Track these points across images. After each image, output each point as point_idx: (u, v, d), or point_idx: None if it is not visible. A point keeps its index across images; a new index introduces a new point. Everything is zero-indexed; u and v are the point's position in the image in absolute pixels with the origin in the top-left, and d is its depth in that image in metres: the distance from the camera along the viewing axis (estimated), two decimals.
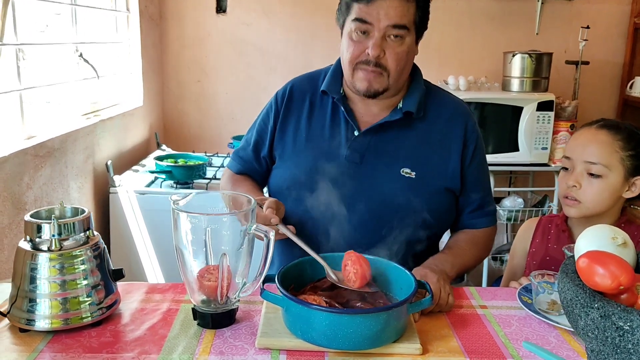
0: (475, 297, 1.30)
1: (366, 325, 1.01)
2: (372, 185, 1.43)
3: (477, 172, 1.51)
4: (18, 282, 1.09)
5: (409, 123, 1.46)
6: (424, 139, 1.47)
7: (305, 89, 1.55)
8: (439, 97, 1.53)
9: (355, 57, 1.38)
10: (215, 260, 1.10)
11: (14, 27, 1.90)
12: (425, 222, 1.45)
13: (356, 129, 1.46)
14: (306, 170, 1.45)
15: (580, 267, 0.85)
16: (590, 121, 1.44)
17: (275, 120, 1.55)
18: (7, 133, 1.93)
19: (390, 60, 1.37)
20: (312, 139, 1.49)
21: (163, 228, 2.49)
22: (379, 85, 1.39)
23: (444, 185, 1.46)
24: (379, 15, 1.33)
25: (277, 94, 1.58)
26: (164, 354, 1.03)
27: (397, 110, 1.46)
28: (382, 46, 1.35)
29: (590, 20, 3.28)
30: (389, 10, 1.33)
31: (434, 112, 1.49)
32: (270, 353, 1.04)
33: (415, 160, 1.44)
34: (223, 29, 3.38)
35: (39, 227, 1.09)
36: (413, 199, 1.42)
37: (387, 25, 1.33)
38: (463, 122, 1.49)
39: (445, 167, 1.46)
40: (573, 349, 1.09)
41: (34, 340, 1.07)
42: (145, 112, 3.14)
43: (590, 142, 1.38)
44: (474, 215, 1.52)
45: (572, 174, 1.40)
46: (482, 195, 1.53)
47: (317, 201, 1.39)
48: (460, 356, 1.05)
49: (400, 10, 1.33)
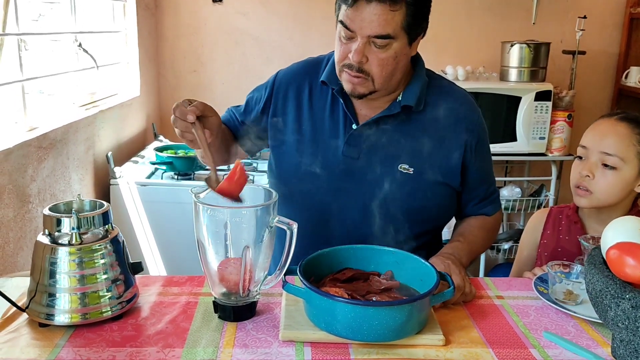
0: (491, 287, 1.31)
1: (391, 317, 1.01)
2: (369, 182, 1.40)
3: (480, 167, 1.48)
4: (37, 277, 1.08)
5: (409, 116, 1.40)
6: (424, 134, 1.41)
7: (307, 76, 1.49)
8: (442, 88, 1.46)
9: (341, 59, 1.33)
10: (236, 253, 1.09)
11: (16, 17, 1.86)
12: (424, 216, 1.44)
13: (354, 122, 1.41)
14: (305, 163, 1.43)
15: (610, 259, 0.86)
16: (610, 112, 1.44)
17: (268, 101, 1.50)
18: (10, 124, 1.91)
19: (374, 66, 1.30)
20: (311, 131, 1.45)
21: (164, 220, 2.48)
22: (364, 89, 1.34)
23: (443, 181, 1.42)
24: (362, 23, 1.25)
25: (277, 76, 1.53)
26: (188, 348, 1.03)
27: (396, 104, 1.40)
28: (364, 52, 1.28)
29: (586, 10, 3.29)
30: (372, 18, 1.24)
31: (435, 105, 1.42)
32: (295, 345, 1.04)
33: (413, 155, 1.40)
34: (219, 18, 3.35)
35: (59, 220, 1.08)
36: (411, 195, 1.40)
37: (369, 35, 1.26)
38: (466, 116, 1.43)
39: (446, 162, 1.41)
40: (592, 338, 1.10)
41: (55, 335, 1.06)
42: (142, 102, 3.11)
43: (609, 133, 1.38)
44: (480, 205, 1.51)
45: (587, 164, 1.41)
46: (487, 187, 1.52)
47: (317, 196, 1.38)
48: (483, 347, 1.06)
49: (384, 18, 1.24)
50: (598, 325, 1.15)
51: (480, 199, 1.51)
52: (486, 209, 1.52)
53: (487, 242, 1.50)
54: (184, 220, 2.39)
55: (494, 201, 1.53)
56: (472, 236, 1.44)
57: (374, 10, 1.24)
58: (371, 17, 1.24)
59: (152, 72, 3.28)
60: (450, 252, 1.34)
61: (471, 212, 1.52)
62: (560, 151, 3.12)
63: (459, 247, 1.38)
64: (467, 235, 1.44)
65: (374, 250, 1.24)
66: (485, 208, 1.52)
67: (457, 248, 1.37)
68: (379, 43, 1.27)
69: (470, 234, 1.45)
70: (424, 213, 1.43)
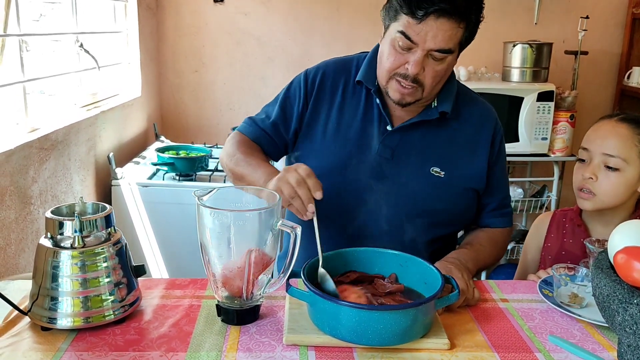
0: (495, 290, 1.30)
1: (396, 321, 1.01)
2: (401, 182, 1.42)
3: (499, 174, 1.51)
4: (39, 280, 1.07)
5: (442, 122, 1.44)
6: (454, 139, 1.45)
7: (338, 75, 1.49)
8: (470, 97, 1.51)
9: (394, 68, 1.33)
10: (239, 257, 1.08)
11: (17, 18, 1.86)
12: (448, 220, 1.46)
13: (389, 124, 1.43)
14: (336, 162, 1.42)
15: (617, 263, 0.85)
16: (611, 113, 1.44)
17: (306, 102, 1.49)
18: (12, 126, 1.90)
19: (429, 77, 1.31)
20: (344, 130, 1.45)
21: (166, 221, 2.48)
22: (412, 98, 1.36)
23: (471, 186, 1.46)
24: (427, 36, 1.25)
25: (308, 75, 1.51)
26: (192, 352, 1.02)
27: (433, 110, 1.42)
28: (423, 64, 1.30)
29: (588, 11, 3.28)
30: (437, 33, 1.25)
31: (465, 113, 1.47)
32: (299, 349, 1.04)
33: (445, 159, 1.43)
34: (221, 18, 3.34)
35: (61, 223, 1.07)
36: (440, 197, 1.42)
37: (432, 49, 1.27)
38: (492, 125, 1.49)
39: (473, 167, 1.45)
40: (598, 342, 1.10)
41: (57, 339, 1.05)
42: (143, 103, 3.11)
43: (610, 134, 1.38)
44: (493, 214, 1.52)
45: (589, 166, 1.40)
46: (502, 196, 1.53)
47: (345, 194, 1.38)
48: (488, 351, 1.05)
49: (449, 34, 1.26)
50: (604, 328, 1.14)
51: (495, 206, 1.52)
52: (497, 220, 1.53)
53: (494, 255, 1.49)
54: (186, 221, 2.39)
55: (506, 215, 1.54)
56: (479, 245, 1.44)
57: (442, 26, 1.25)
58: (437, 31, 1.25)
59: (153, 72, 3.27)
60: (455, 256, 1.33)
61: (484, 219, 1.53)
62: (563, 152, 3.11)
63: (465, 253, 1.38)
64: (474, 244, 1.45)
65: (377, 253, 1.23)
66: (497, 219, 1.53)
67: (463, 254, 1.36)
68: (437, 56, 1.29)
69: (478, 244, 1.45)
70: (448, 216, 1.45)
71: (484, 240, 1.47)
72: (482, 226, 1.53)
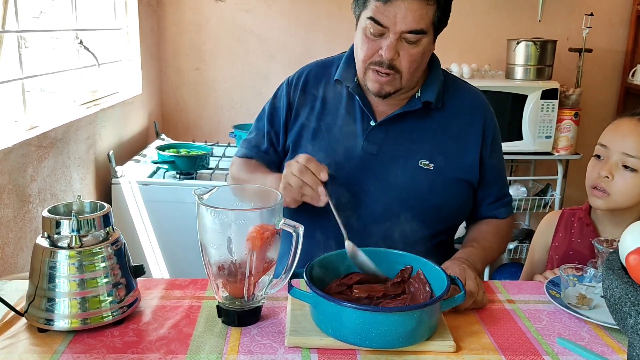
0: (501, 291, 1.28)
1: (400, 323, 0.98)
2: (390, 177, 1.40)
3: (496, 165, 1.49)
4: (36, 281, 1.05)
5: (427, 113, 1.42)
6: (442, 130, 1.43)
7: (318, 78, 1.50)
8: (457, 87, 1.49)
9: (369, 56, 1.32)
10: (240, 257, 1.06)
11: (16, 14, 1.83)
12: (443, 214, 1.43)
13: (372, 119, 1.42)
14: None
15: (630, 264, 0.82)
16: (632, 112, 1.39)
17: (289, 110, 1.50)
18: (10, 123, 1.88)
19: (404, 61, 1.30)
20: (329, 131, 1.44)
21: (166, 220, 2.46)
22: (391, 88, 1.35)
23: (462, 177, 1.43)
24: (396, 18, 1.25)
25: (290, 83, 1.52)
26: (191, 354, 1.00)
27: (416, 100, 1.41)
28: (396, 48, 1.28)
29: (593, 8, 3.25)
30: (407, 13, 1.24)
31: (452, 103, 1.45)
32: (301, 351, 1.01)
33: (433, 151, 1.41)
34: (222, 16, 3.32)
35: (58, 223, 1.05)
36: (431, 191, 1.39)
37: (403, 31, 1.26)
38: (482, 114, 1.46)
39: (464, 158, 1.43)
40: (607, 344, 1.07)
41: (54, 341, 1.03)
42: (144, 100, 3.08)
43: (632, 133, 1.34)
44: (494, 206, 1.50)
45: (606, 164, 1.36)
46: (500, 186, 1.51)
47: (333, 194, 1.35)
48: (495, 353, 1.03)
49: (419, 14, 1.25)
50: (613, 330, 1.12)
51: (494, 199, 1.50)
52: (499, 211, 1.51)
53: (500, 248, 1.48)
54: (187, 220, 2.36)
55: (507, 204, 1.52)
56: (485, 242, 1.42)
57: (411, 6, 1.25)
58: (406, 12, 1.24)
59: (154, 69, 3.25)
60: (464, 257, 1.31)
61: (485, 212, 1.51)
62: (567, 150, 3.09)
63: (473, 252, 1.35)
64: (480, 241, 1.42)
65: (382, 253, 1.20)
66: (499, 210, 1.51)
67: (471, 253, 1.34)
68: (410, 39, 1.28)
69: (484, 240, 1.43)
70: (442, 211, 1.42)
71: (489, 235, 1.45)
72: (483, 218, 1.51)
